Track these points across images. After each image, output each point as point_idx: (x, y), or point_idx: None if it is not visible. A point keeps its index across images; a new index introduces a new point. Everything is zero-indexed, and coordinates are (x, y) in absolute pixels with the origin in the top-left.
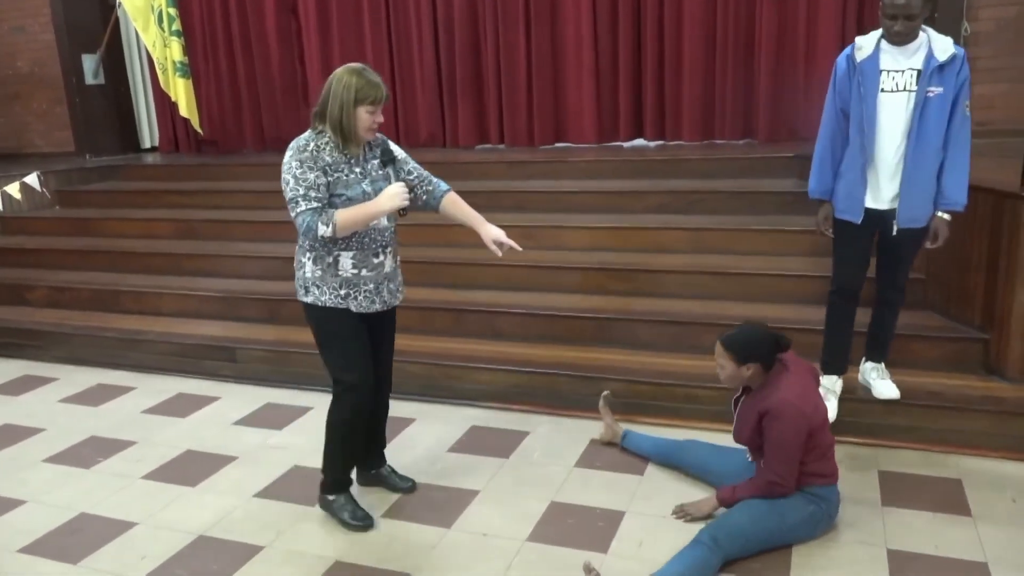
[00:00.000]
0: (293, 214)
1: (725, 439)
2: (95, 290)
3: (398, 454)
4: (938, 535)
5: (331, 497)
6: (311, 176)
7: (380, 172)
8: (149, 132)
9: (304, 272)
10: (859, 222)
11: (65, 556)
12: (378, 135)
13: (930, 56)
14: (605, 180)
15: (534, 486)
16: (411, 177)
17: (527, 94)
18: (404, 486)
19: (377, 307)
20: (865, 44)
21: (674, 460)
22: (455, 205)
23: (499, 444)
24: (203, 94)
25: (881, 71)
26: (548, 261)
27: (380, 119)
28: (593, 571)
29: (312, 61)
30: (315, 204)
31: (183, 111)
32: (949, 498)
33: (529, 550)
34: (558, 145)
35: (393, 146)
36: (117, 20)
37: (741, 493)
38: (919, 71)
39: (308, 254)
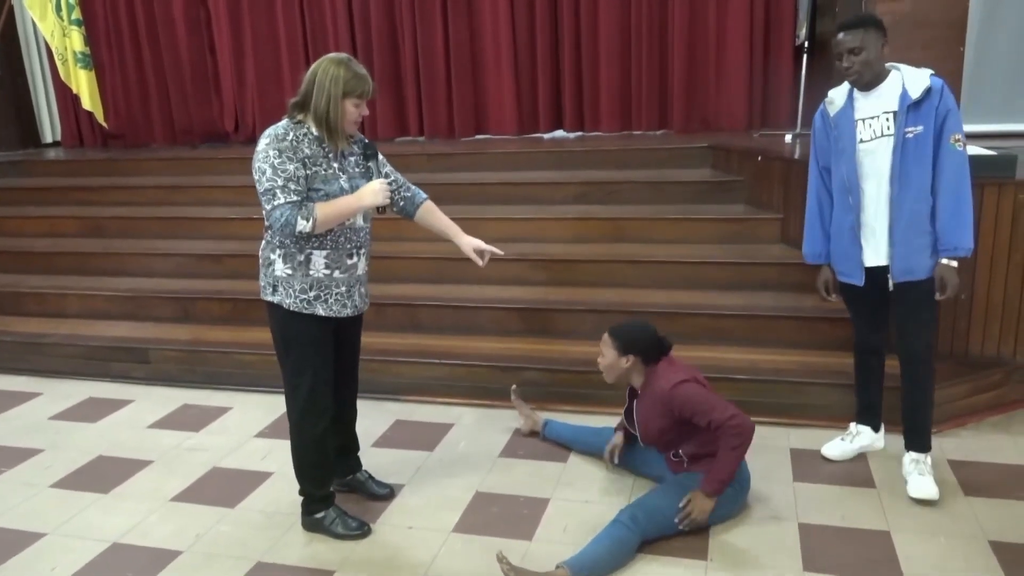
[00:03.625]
0: (269, 207)
1: None
2: None
3: None
4: (845, 507)
5: (319, 515)
6: (291, 167)
7: (358, 169)
8: (51, 126)
9: (273, 270)
10: (862, 284)
11: None
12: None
13: (904, 94)
14: (525, 171)
15: (459, 477)
16: (388, 180)
17: (446, 86)
18: (382, 492)
19: (348, 312)
20: (836, 97)
21: (593, 448)
22: (432, 215)
23: (423, 437)
24: (108, 86)
25: (856, 121)
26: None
27: (365, 112)
28: (504, 560)
29: (223, 51)
30: (294, 197)
31: (86, 104)
32: (855, 471)
33: (455, 540)
34: (479, 137)
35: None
36: (12, 8)
37: (723, 472)
38: (894, 112)
39: (278, 251)
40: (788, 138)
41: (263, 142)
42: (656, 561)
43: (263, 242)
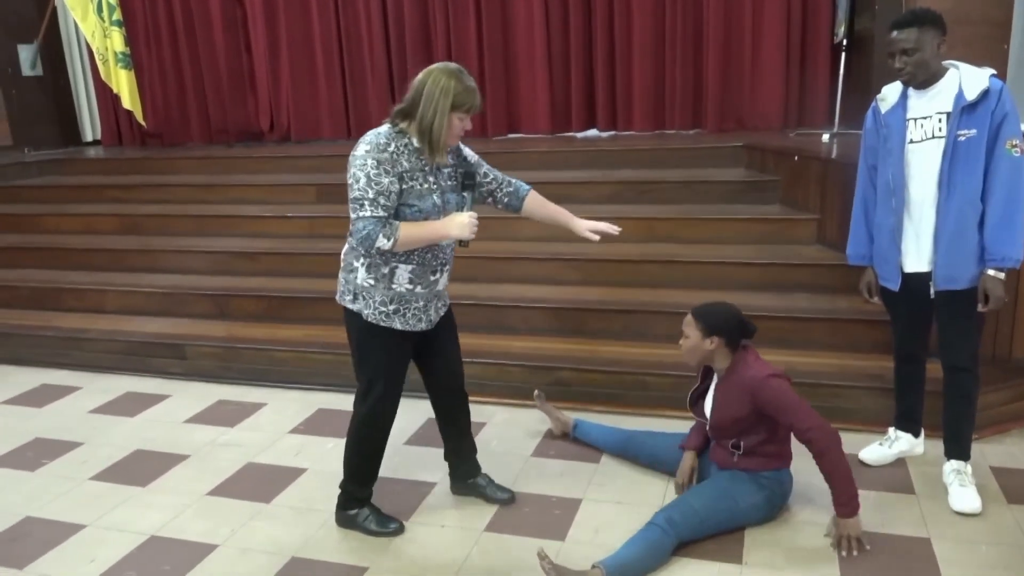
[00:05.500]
0: (354, 216)
1: (674, 425)
2: (34, 288)
3: None
4: (884, 513)
5: (352, 512)
6: (385, 181)
7: (451, 182)
8: (91, 125)
9: (355, 278)
10: (897, 289)
11: (10, 562)
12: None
13: (959, 95)
14: (558, 171)
15: (491, 475)
16: (487, 180)
17: (479, 84)
18: (502, 497)
19: (423, 326)
20: (889, 94)
21: (624, 451)
22: (540, 204)
23: None
24: (146, 85)
25: (908, 120)
26: (500, 252)
27: (468, 127)
28: (545, 558)
29: (259, 50)
30: (382, 212)
31: (126, 103)
32: (894, 477)
33: (487, 540)
34: (511, 136)
35: (466, 151)
36: (55, 9)
37: (844, 492)
38: (948, 113)
39: (362, 259)
40: (825, 137)
41: (363, 147)
42: (691, 563)
43: (347, 245)
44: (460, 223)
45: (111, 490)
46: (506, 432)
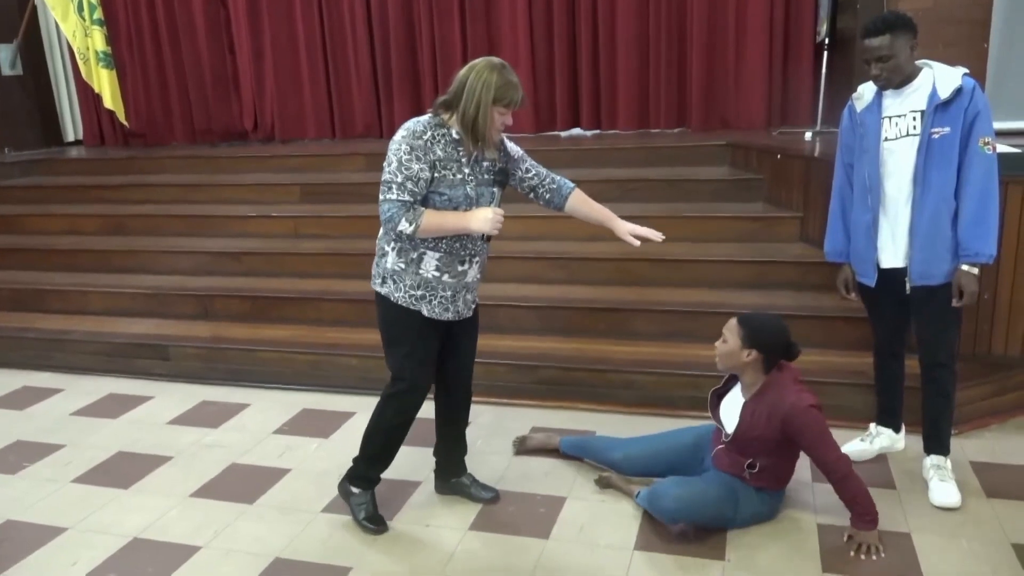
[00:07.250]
0: (382, 197)
1: (661, 424)
2: (17, 289)
3: (341, 448)
4: None
5: (355, 490)
6: (415, 167)
7: (488, 176)
8: (72, 125)
9: (385, 262)
10: (873, 285)
11: None
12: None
13: (933, 94)
14: None
15: (476, 474)
16: (529, 175)
17: None
18: (486, 496)
19: (449, 316)
20: (865, 92)
21: (607, 462)
22: (583, 203)
23: None
24: (129, 85)
25: (883, 119)
26: None
27: (509, 121)
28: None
29: (242, 51)
30: (407, 197)
31: (108, 103)
32: (875, 472)
33: (471, 538)
34: None
35: (511, 146)
36: (35, 8)
37: (867, 509)
38: (922, 112)
39: (393, 244)
40: (808, 136)
41: (400, 133)
42: (673, 560)
43: (381, 231)
44: (483, 217)
45: (94, 492)
46: (491, 431)
